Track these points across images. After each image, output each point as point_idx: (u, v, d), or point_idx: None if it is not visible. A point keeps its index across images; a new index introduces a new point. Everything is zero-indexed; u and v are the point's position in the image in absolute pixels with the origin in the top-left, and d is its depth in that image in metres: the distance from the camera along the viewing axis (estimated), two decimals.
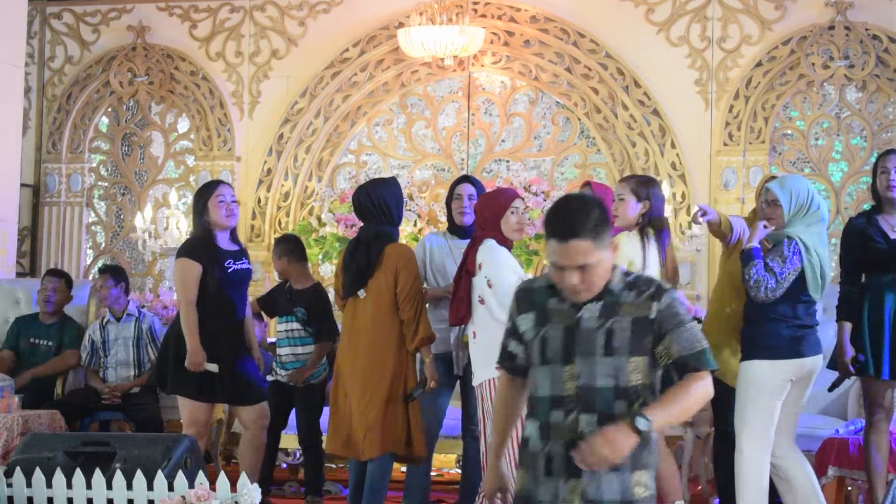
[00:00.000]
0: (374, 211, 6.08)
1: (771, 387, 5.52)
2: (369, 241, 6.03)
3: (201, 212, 6.32)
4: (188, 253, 6.29)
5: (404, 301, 5.95)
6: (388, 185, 6.20)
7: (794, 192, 5.60)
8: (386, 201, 6.07)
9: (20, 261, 9.76)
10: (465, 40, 9.05)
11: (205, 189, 6.44)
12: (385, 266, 5.97)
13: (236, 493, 5.09)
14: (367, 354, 5.97)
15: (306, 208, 9.74)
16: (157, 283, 9.90)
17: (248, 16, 10.00)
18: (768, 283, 5.48)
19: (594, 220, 3.30)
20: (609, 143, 9.32)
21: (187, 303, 6.21)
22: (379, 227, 6.06)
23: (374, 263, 5.98)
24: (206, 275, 6.22)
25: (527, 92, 9.61)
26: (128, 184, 10.32)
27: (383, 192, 6.10)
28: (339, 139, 9.84)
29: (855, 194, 9.05)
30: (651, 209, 5.82)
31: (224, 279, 6.25)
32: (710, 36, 9.17)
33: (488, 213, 5.81)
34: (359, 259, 6.03)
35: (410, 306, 5.94)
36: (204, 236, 6.30)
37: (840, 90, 9.00)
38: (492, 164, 9.65)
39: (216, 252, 6.27)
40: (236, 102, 9.95)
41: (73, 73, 10.33)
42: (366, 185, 6.23)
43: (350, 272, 6.06)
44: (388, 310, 5.97)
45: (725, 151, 9.06)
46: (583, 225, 3.29)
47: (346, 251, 6.19)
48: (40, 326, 7.96)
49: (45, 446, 5.52)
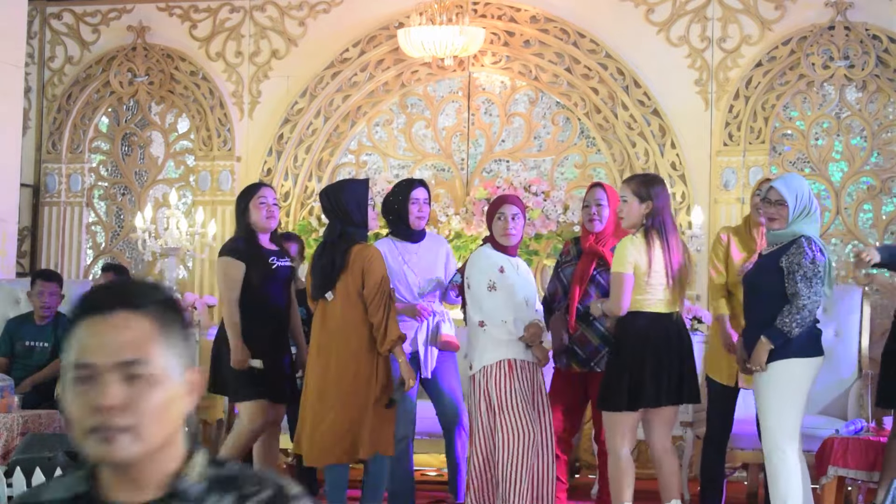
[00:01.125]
0: (333, 212, 6.09)
1: (806, 385, 5.57)
2: (334, 243, 6.02)
3: (243, 212, 6.35)
4: (231, 252, 6.29)
5: (371, 303, 5.92)
6: (350, 185, 6.21)
7: (799, 193, 5.60)
8: (345, 204, 6.04)
9: (20, 261, 9.76)
10: (465, 40, 9.05)
11: (248, 190, 6.49)
12: (351, 268, 5.95)
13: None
14: (340, 359, 5.96)
15: (306, 208, 9.74)
16: None
17: (248, 16, 10.00)
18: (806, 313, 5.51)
19: (162, 295, 1.91)
20: (609, 143, 9.32)
21: (230, 301, 6.21)
22: (343, 227, 6.03)
23: (339, 265, 5.96)
24: (249, 273, 6.22)
25: (527, 92, 9.61)
26: (128, 184, 10.32)
27: (343, 194, 6.10)
28: (339, 139, 9.84)
29: (855, 194, 9.05)
30: (654, 209, 5.79)
31: (269, 276, 6.25)
32: (710, 36, 9.17)
33: (486, 219, 6.04)
34: (324, 260, 6.02)
35: (377, 308, 5.92)
36: (246, 236, 6.31)
37: (840, 90, 9.00)
38: (492, 164, 9.65)
39: (259, 251, 6.28)
40: (236, 102, 9.95)
41: (73, 73, 10.33)
42: (328, 186, 6.30)
43: (316, 274, 6.06)
44: (358, 312, 5.95)
45: (725, 151, 9.06)
46: (143, 295, 1.88)
47: (314, 252, 6.20)
48: (34, 328, 7.95)
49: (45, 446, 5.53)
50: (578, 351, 6.26)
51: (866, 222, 9.04)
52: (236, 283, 6.19)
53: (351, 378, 5.94)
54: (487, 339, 5.94)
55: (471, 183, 9.50)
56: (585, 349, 6.26)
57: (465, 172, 9.57)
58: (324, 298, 6.03)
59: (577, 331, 6.22)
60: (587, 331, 6.24)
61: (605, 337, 6.20)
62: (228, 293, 6.22)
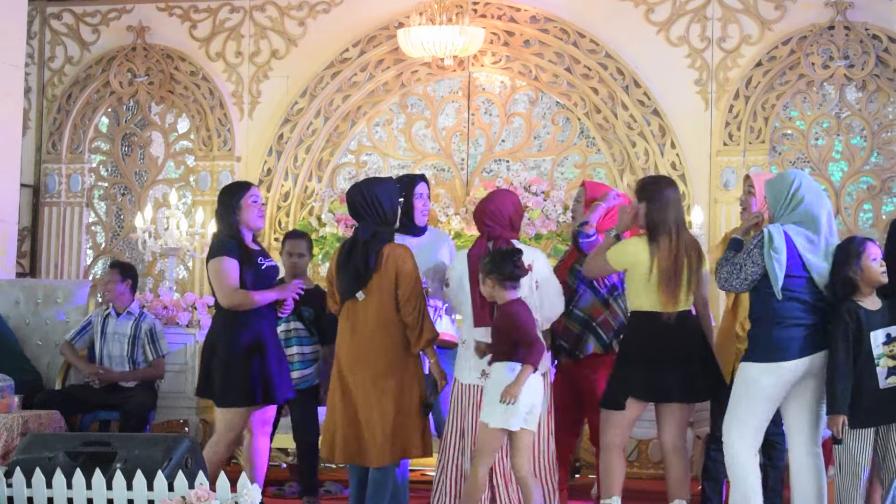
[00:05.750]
0: (368, 210, 5.95)
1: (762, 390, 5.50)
2: (367, 242, 5.91)
3: (233, 211, 6.19)
4: (224, 251, 6.13)
5: (406, 303, 5.85)
6: (383, 184, 6.08)
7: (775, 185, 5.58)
8: (380, 200, 5.94)
9: (20, 261, 9.76)
10: (465, 40, 9.05)
11: (236, 189, 6.31)
12: (384, 268, 5.87)
13: (236, 493, 5.10)
14: (373, 359, 5.86)
15: (306, 208, 9.74)
16: (157, 284, 9.90)
17: (248, 16, 10.00)
18: (721, 272, 5.53)
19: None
20: (609, 143, 9.32)
21: (235, 291, 6.06)
22: (375, 227, 5.95)
23: (372, 265, 5.87)
24: (242, 274, 6.12)
25: (527, 92, 9.61)
26: (128, 184, 10.32)
27: (378, 190, 5.98)
28: (339, 139, 9.85)
29: (855, 194, 9.05)
30: (653, 211, 5.81)
31: (259, 276, 6.19)
32: (709, 36, 9.17)
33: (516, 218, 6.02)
34: (356, 260, 5.90)
35: (413, 308, 5.85)
36: (235, 235, 6.20)
37: (840, 90, 9.01)
38: (492, 164, 9.65)
39: (249, 251, 6.21)
40: (236, 102, 9.96)
41: (73, 73, 10.33)
42: (360, 184, 6.11)
43: (348, 274, 5.93)
44: (391, 312, 5.88)
45: (725, 151, 9.06)
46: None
47: (340, 253, 6.03)
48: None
49: (45, 446, 5.52)
50: (564, 343, 6.32)
51: (866, 222, 9.04)
52: (234, 280, 6.09)
53: (387, 379, 5.88)
54: None
55: (471, 183, 9.50)
56: (569, 339, 6.32)
57: (465, 172, 9.57)
58: (354, 298, 5.96)
59: (561, 324, 6.26)
60: (568, 321, 6.30)
61: (585, 322, 6.32)
62: (231, 285, 6.10)
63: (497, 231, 5.98)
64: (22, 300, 8.41)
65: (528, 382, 5.56)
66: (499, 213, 6.00)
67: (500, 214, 6.00)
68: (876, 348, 5.40)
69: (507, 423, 5.58)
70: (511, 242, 5.93)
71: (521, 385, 5.53)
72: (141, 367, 7.85)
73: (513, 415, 5.57)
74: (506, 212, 6.00)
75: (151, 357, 7.84)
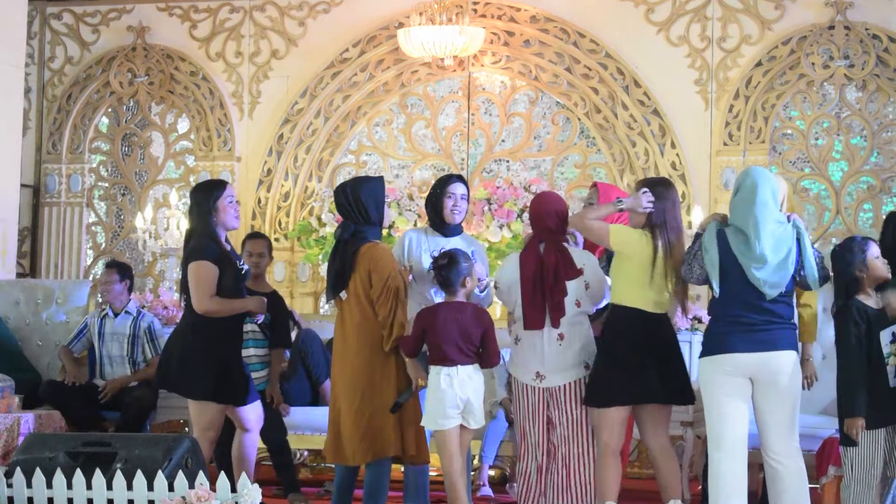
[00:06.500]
0: (350, 209, 5.99)
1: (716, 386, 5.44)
2: (346, 242, 5.97)
3: (209, 211, 6.15)
4: (206, 255, 6.10)
5: (377, 301, 5.89)
6: (368, 183, 6.09)
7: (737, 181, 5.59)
8: (363, 200, 5.96)
9: (20, 261, 9.76)
10: (465, 40, 9.05)
11: (212, 188, 6.27)
12: (359, 267, 5.92)
13: (236, 493, 5.10)
14: (354, 358, 5.94)
15: (306, 208, 9.75)
16: (157, 284, 9.90)
17: (248, 16, 10.00)
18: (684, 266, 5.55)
19: None
20: (609, 142, 9.32)
21: (210, 298, 6.06)
22: (355, 227, 5.98)
23: (349, 265, 5.92)
24: (221, 276, 6.12)
25: (527, 92, 9.61)
26: (128, 184, 10.33)
27: (362, 190, 6.00)
28: (339, 139, 9.85)
29: (855, 194, 9.05)
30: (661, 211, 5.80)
31: (239, 278, 6.19)
32: (709, 36, 9.17)
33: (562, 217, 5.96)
34: (336, 260, 6.00)
35: (384, 306, 5.87)
36: (214, 237, 6.17)
37: (840, 90, 9.01)
38: (492, 164, 9.66)
39: (226, 253, 6.21)
40: (236, 103, 9.96)
41: (73, 73, 10.34)
42: (346, 183, 6.14)
43: (330, 274, 6.05)
44: (368, 311, 5.93)
45: (725, 151, 9.07)
46: None
47: (330, 252, 6.18)
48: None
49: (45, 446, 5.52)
50: None
51: (866, 222, 9.05)
52: (212, 287, 6.08)
53: (362, 379, 5.92)
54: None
55: (471, 183, 9.50)
56: None
57: (465, 172, 9.57)
58: (339, 298, 6.02)
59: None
60: None
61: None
62: (209, 292, 6.09)
63: (556, 234, 5.94)
64: (22, 300, 8.40)
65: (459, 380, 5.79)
66: (557, 214, 5.97)
67: (559, 216, 5.97)
68: (885, 347, 5.39)
69: (437, 423, 5.79)
70: (564, 243, 5.90)
71: None
72: (141, 366, 7.84)
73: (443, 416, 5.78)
74: (563, 213, 5.99)
75: (151, 356, 7.83)
